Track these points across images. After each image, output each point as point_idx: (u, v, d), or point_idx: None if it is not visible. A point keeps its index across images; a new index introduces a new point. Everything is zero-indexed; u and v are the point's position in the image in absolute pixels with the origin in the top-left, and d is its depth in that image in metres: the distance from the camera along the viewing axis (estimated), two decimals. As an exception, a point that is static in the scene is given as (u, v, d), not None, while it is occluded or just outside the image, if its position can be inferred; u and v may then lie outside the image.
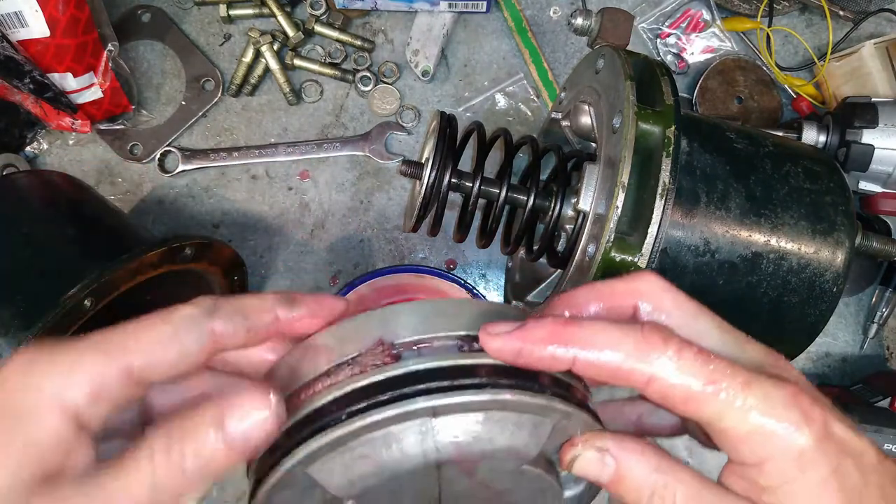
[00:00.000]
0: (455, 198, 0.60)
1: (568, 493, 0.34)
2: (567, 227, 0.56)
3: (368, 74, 0.81)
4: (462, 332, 0.29)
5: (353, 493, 0.29)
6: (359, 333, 0.30)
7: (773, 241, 0.52)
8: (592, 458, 0.30)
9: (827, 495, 0.29)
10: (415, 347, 0.29)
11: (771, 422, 0.28)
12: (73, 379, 0.27)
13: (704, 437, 0.32)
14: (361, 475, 0.28)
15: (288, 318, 0.31)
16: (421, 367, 0.27)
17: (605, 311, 0.32)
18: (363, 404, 0.27)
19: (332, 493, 0.29)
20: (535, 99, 0.82)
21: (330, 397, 0.28)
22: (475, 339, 0.29)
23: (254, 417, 0.27)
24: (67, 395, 0.26)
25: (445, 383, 0.27)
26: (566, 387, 0.30)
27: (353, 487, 0.28)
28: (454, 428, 0.28)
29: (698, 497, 0.29)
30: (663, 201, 0.46)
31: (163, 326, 0.28)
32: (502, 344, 0.28)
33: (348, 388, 0.27)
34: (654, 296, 0.32)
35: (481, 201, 0.59)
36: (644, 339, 0.28)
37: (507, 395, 0.28)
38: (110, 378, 0.27)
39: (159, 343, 0.28)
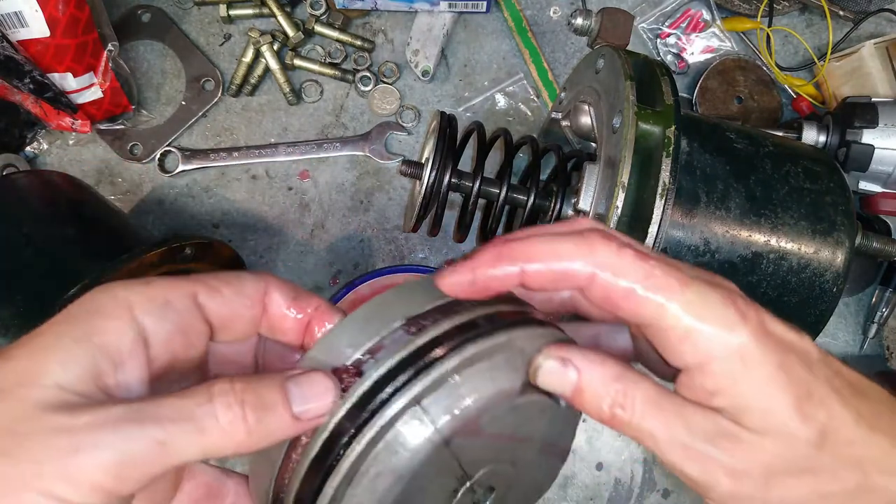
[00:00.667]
0: (455, 198, 0.60)
1: (564, 403, 0.34)
2: (567, 227, 0.56)
3: (368, 74, 0.81)
4: (402, 320, 0.30)
5: None
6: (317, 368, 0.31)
7: (773, 241, 0.52)
8: (555, 367, 0.30)
9: (776, 390, 0.29)
10: (369, 357, 0.29)
11: (708, 320, 0.29)
12: (146, 291, 0.28)
13: (658, 361, 0.32)
14: (386, 491, 0.28)
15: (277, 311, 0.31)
16: (383, 371, 0.28)
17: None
18: (351, 432, 0.28)
19: None
20: (535, 99, 0.82)
21: (321, 440, 0.28)
22: (418, 316, 0.30)
23: (325, 398, 0.28)
24: (138, 301, 0.27)
25: (411, 372, 0.28)
26: (521, 314, 0.31)
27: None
28: (441, 403, 0.28)
29: (657, 403, 0.29)
30: (663, 201, 0.46)
31: (230, 272, 0.31)
32: (457, 278, 0.30)
33: (332, 426, 0.28)
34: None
35: (481, 201, 0.59)
36: (584, 239, 0.30)
37: (470, 351, 0.28)
38: (179, 296, 0.28)
39: (224, 280, 0.30)
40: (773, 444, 0.29)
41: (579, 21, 0.68)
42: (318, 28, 0.81)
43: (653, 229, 0.46)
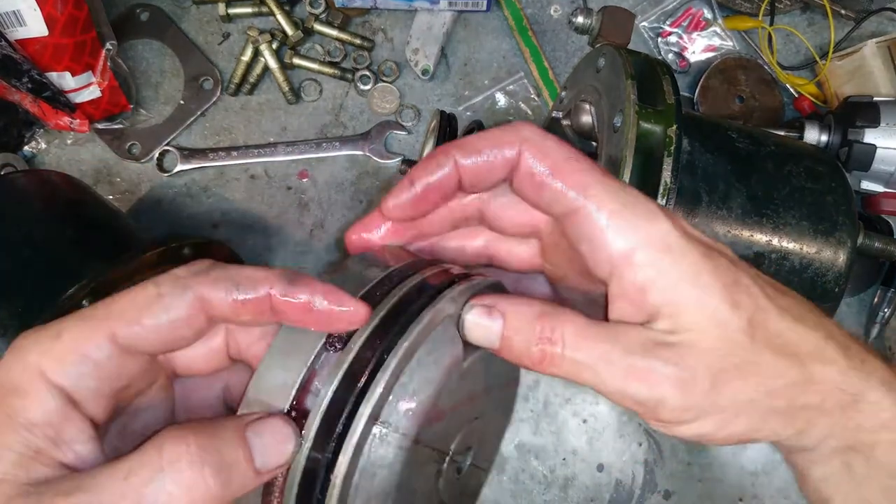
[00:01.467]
0: (455, 197, 0.60)
1: None
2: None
3: (368, 73, 0.80)
4: (321, 338, 0.28)
5: None
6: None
7: (775, 241, 0.51)
8: (480, 319, 0.29)
9: (704, 277, 0.28)
10: (306, 391, 0.28)
11: (630, 207, 0.29)
12: (55, 350, 0.25)
13: (580, 300, 0.32)
14: None
15: (282, 299, 0.28)
16: (326, 402, 0.27)
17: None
18: (323, 474, 0.27)
19: None
20: (536, 98, 0.82)
21: (294, 489, 0.27)
22: (338, 337, 0.28)
23: (286, 447, 0.26)
24: (49, 366, 0.25)
25: (356, 392, 0.27)
26: (441, 274, 0.31)
27: None
28: (399, 409, 0.27)
29: (587, 332, 0.29)
30: (665, 201, 0.46)
31: (149, 289, 0.27)
32: (398, 199, 0.31)
33: (301, 470, 0.27)
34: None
35: (481, 201, 0.59)
36: (512, 125, 0.30)
37: (403, 345, 0.27)
38: (94, 347, 0.26)
39: (144, 307, 0.26)
40: (709, 339, 0.28)
41: (580, 20, 0.68)
42: (318, 27, 0.81)
43: (654, 229, 0.46)
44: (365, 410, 0.26)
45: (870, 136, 0.70)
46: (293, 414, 0.27)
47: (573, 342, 0.28)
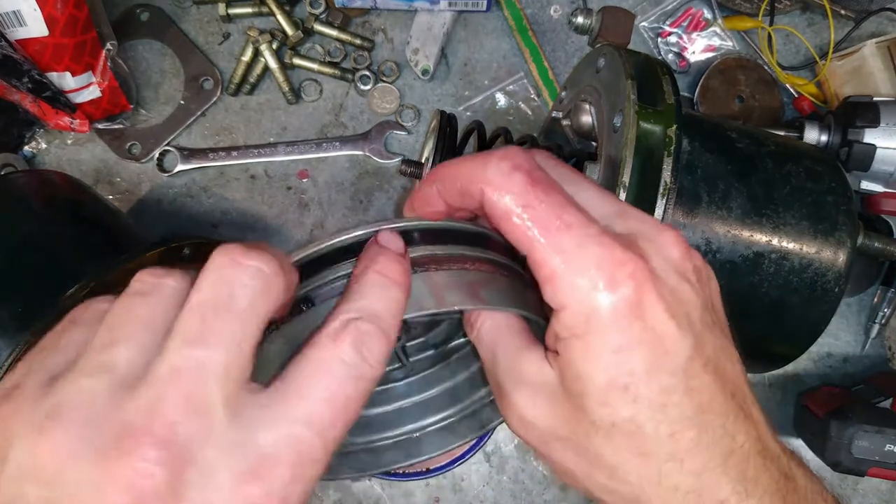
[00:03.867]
0: (455, 197, 0.60)
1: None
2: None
3: (368, 73, 0.80)
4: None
5: None
6: None
7: (775, 241, 0.51)
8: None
9: (593, 368, 0.29)
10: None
11: (575, 270, 0.29)
12: None
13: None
14: None
15: None
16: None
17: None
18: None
19: None
20: (536, 98, 0.82)
21: None
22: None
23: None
24: None
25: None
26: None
27: None
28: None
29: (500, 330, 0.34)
30: (664, 201, 0.46)
31: None
32: (407, 205, 0.35)
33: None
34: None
35: (481, 201, 0.59)
36: (483, 159, 0.30)
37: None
38: None
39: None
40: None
41: (580, 20, 0.68)
42: (318, 27, 0.81)
43: (654, 229, 0.46)
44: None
45: (870, 136, 0.70)
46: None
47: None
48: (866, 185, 0.74)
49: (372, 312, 0.27)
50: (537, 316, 0.32)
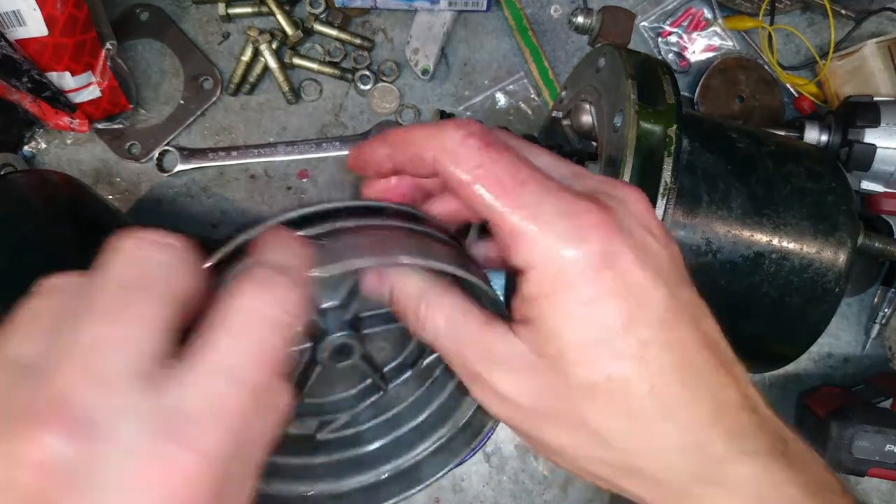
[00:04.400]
0: (455, 197, 0.60)
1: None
2: (568, 226, 0.56)
3: (368, 73, 0.80)
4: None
5: None
6: None
7: (776, 241, 0.51)
8: (372, 282, 0.33)
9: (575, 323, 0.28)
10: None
11: (539, 225, 0.28)
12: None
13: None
14: None
15: None
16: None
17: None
18: None
19: None
20: (536, 98, 0.82)
21: None
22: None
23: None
24: None
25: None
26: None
27: None
28: None
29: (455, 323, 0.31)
30: (665, 201, 0.46)
31: None
32: (350, 155, 0.35)
33: None
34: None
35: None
36: (439, 126, 0.30)
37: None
38: None
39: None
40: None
41: (580, 19, 0.68)
42: (318, 26, 0.81)
43: (654, 229, 0.45)
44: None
45: (870, 136, 0.70)
46: None
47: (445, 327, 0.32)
48: (867, 185, 0.74)
49: (265, 260, 0.27)
50: (476, 278, 0.31)
